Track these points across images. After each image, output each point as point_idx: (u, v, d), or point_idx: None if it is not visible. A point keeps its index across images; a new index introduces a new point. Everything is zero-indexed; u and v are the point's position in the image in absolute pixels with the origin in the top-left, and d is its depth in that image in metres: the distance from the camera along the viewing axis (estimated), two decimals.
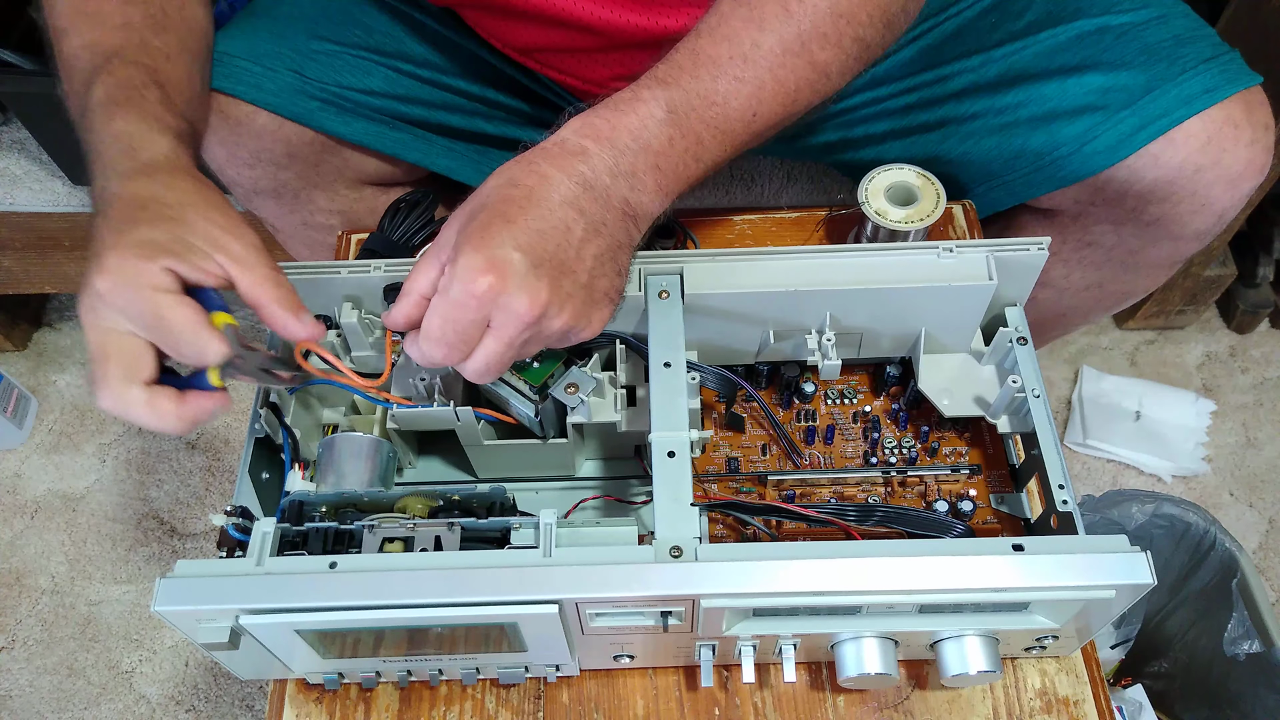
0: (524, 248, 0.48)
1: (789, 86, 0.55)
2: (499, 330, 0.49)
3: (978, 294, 0.60)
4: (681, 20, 0.68)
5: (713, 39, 0.54)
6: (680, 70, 0.54)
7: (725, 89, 0.53)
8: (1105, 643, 1.05)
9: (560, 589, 0.48)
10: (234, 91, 0.72)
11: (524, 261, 0.48)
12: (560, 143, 0.52)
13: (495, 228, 0.48)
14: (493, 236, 0.48)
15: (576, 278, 0.51)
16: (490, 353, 0.50)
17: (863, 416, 0.67)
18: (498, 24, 0.74)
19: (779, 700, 0.58)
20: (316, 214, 0.82)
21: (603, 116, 0.52)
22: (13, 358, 1.40)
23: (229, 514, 0.54)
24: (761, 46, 0.54)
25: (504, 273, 0.48)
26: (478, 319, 0.49)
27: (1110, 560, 0.48)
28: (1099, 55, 0.68)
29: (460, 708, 0.59)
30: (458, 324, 0.49)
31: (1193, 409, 1.29)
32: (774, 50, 0.54)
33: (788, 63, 0.54)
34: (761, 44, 0.54)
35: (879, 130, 0.78)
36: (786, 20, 0.54)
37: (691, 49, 0.54)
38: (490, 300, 0.48)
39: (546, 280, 0.49)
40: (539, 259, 0.49)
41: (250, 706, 1.13)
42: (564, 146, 0.52)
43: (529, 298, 0.48)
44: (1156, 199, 0.69)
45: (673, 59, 0.54)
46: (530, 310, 0.49)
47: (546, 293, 0.49)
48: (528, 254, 0.48)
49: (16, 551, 1.24)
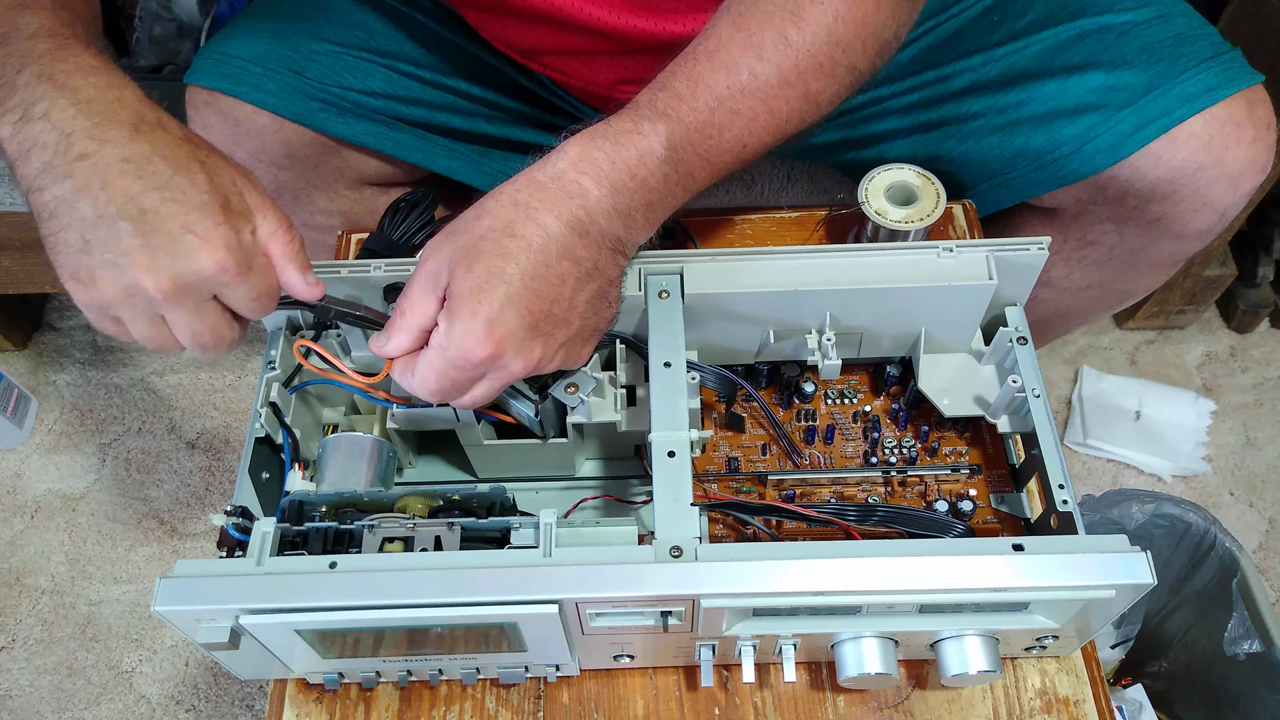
0: (520, 308, 0.49)
1: (780, 117, 0.55)
2: (492, 381, 0.53)
3: (978, 294, 0.60)
4: (687, 26, 0.68)
5: (711, 65, 0.53)
6: (679, 100, 0.53)
7: (721, 121, 0.53)
8: (1105, 643, 1.05)
9: (560, 589, 0.48)
10: (234, 92, 0.72)
11: (521, 324, 0.50)
12: (558, 177, 0.51)
13: (492, 286, 0.49)
14: (490, 297, 0.49)
15: (569, 327, 0.52)
16: (479, 396, 0.53)
17: (863, 416, 0.67)
18: (502, 25, 0.74)
19: (779, 700, 0.58)
20: (316, 214, 0.82)
21: (602, 150, 0.51)
22: (13, 358, 1.40)
23: (229, 514, 0.53)
24: (759, 77, 0.53)
25: (503, 341, 0.49)
26: (474, 375, 0.51)
27: (1110, 560, 0.48)
28: (1100, 54, 0.68)
29: (460, 708, 0.59)
30: (454, 380, 0.51)
31: (1193, 409, 1.29)
32: (770, 81, 0.53)
33: (783, 94, 0.54)
34: (759, 74, 0.53)
35: (880, 130, 0.78)
36: (785, 49, 0.53)
37: (690, 75, 0.53)
38: (488, 363, 0.50)
39: (541, 340, 0.51)
40: (535, 320, 0.50)
41: (250, 706, 1.13)
42: (561, 183, 0.50)
43: (524, 360, 0.51)
44: (1158, 198, 0.69)
45: (671, 86, 0.53)
46: (525, 368, 0.52)
47: (540, 350, 0.51)
48: (524, 315, 0.50)
49: (16, 551, 1.24)
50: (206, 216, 0.46)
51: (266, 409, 0.59)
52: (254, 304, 0.49)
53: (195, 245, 0.46)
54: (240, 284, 0.48)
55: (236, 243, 0.47)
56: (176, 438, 1.33)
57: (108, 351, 1.41)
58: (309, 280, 0.52)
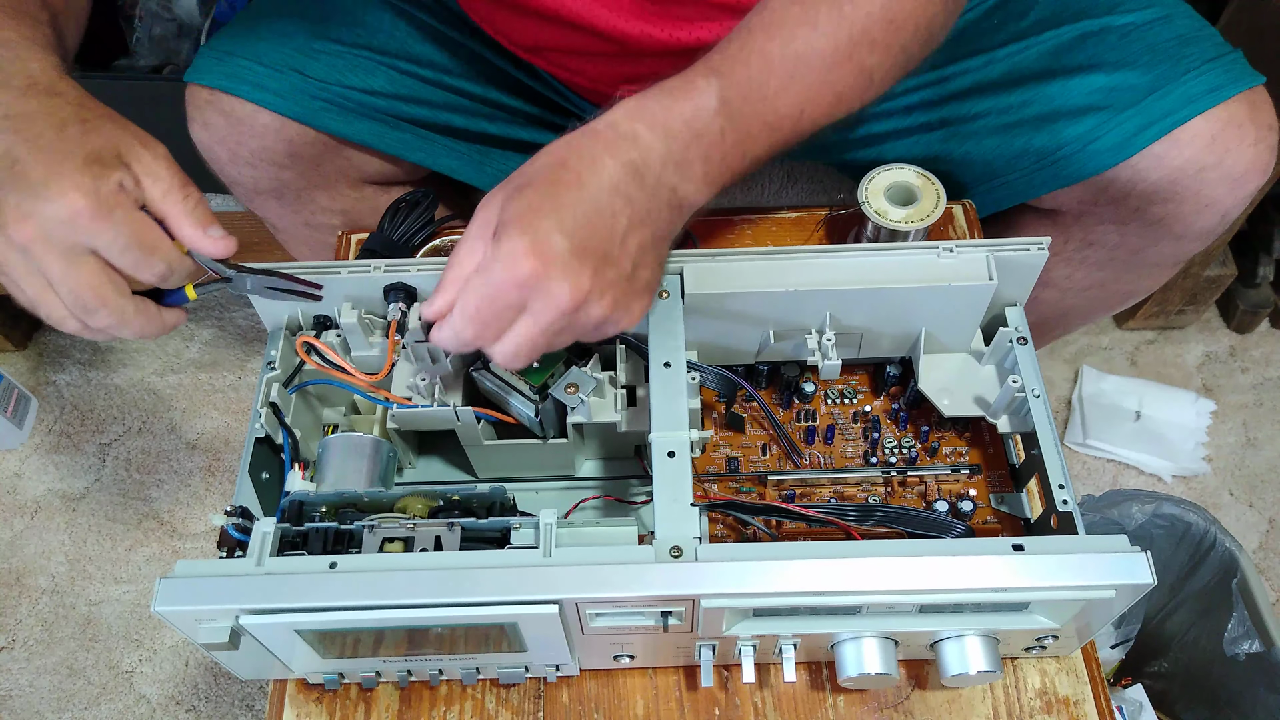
0: (569, 233, 0.47)
1: (836, 89, 0.55)
2: (536, 316, 0.49)
3: (978, 294, 0.60)
4: (696, 34, 0.69)
5: (766, 34, 0.54)
6: (734, 62, 0.53)
7: (776, 85, 0.53)
8: (1105, 643, 1.05)
9: (560, 589, 0.48)
10: (236, 91, 0.72)
11: (568, 248, 0.47)
12: (611, 125, 0.50)
13: (541, 210, 0.48)
14: (538, 219, 0.47)
15: (620, 268, 0.50)
16: (523, 337, 0.49)
17: (863, 416, 0.67)
18: (509, 20, 0.74)
19: (779, 700, 0.58)
20: (318, 214, 0.82)
21: (657, 100, 0.51)
22: (13, 358, 1.40)
23: (229, 514, 0.53)
24: (814, 46, 0.54)
25: (548, 258, 0.47)
26: (516, 302, 0.48)
27: (1110, 560, 0.48)
28: (1103, 55, 0.68)
29: (460, 708, 0.59)
30: (495, 304, 0.48)
31: (1193, 409, 1.29)
32: (825, 51, 0.54)
33: (837, 65, 0.54)
34: (814, 44, 0.54)
35: (881, 130, 0.78)
36: (840, 22, 0.54)
37: (744, 41, 0.54)
38: (531, 285, 0.48)
39: (590, 269, 0.48)
40: (583, 246, 0.48)
41: (250, 706, 1.13)
42: (616, 129, 0.50)
43: (571, 286, 0.48)
44: (1160, 198, 0.69)
45: (726, 50, 0.54)
46: (571, 298, 0.48)
47: (589, 281, 0.48)
48: (572, 240, 0.48)
49: (16, 551, 1.24)
50: (66, 163, 0.47)
51: (266, 409, 0.59)
52: (126, 256, 0.48)
53: (52, 190, 0.47)
54: (99, 230, 0.47)
55: (92, 188, 0.47)
56: (176, 438, 1.33)
57: (108, 351, 1.41)
58: (211, 234, 0.51)
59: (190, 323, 1.43)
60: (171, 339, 1.41)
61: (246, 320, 1.43)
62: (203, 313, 1.44)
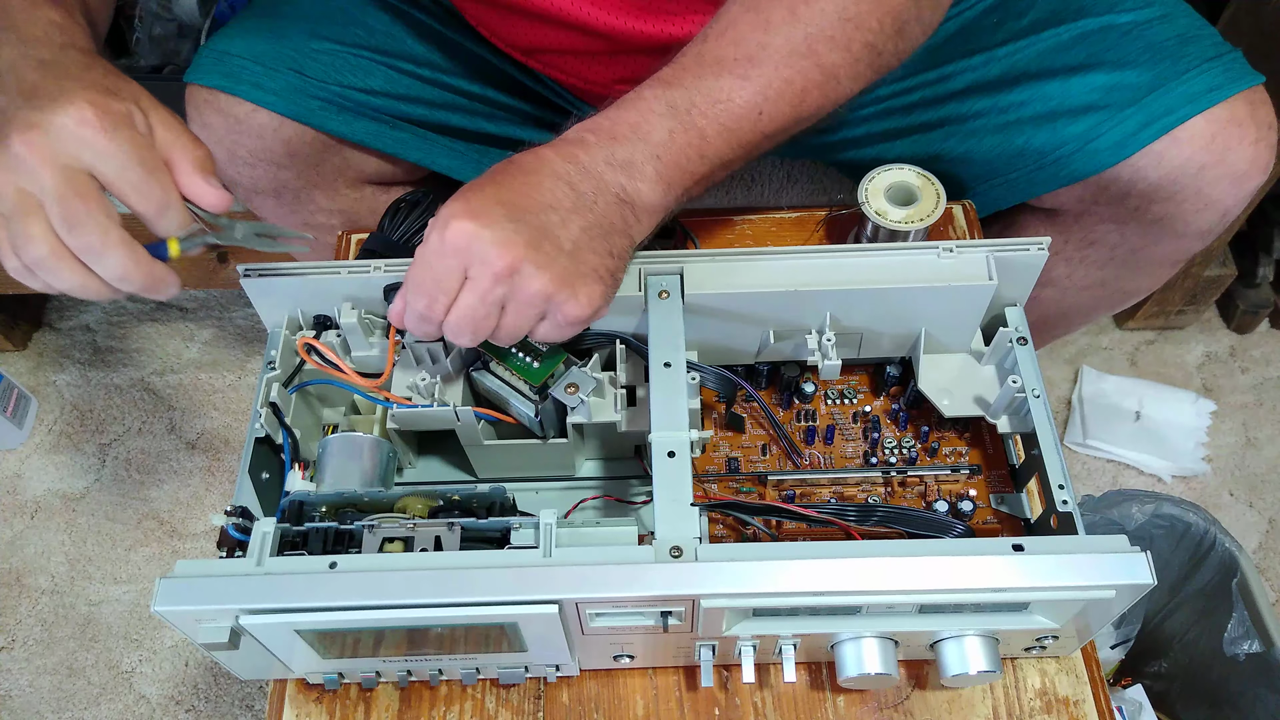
0: (504, 201, 0.50)
1: (796, 87, 0.55)
2: (475, 281, 0.50)
3: (978, 294, 0.60)
4: (686, 28, 0.69)
5: (719, 42, 0.55)
6: (684, 71, 0.54)
7: (729, 86, 0.54)
8: (1105, 643, 1.05)
9: (560, 589, 0.48)
10: (234, 90, 0.72)
11: (503, 213, 0.49)
12: (562, 137, 0.54)
13: (482, 186, 0.50)
14: (476, 191, 0.50)
15: (559, 244, 0.50)
16: (464, 305, 0.50)
17: (863, 416, 0.67)
18: (501, 22, 0.74)
19: (779, 700, 0.58)
20: (317, 213, 0.82)
21: (604, 114, 0.54)
22: (13, 358, 1.40)
23: (229, 514, 0.53)
24: (768, 47, 0.54)
25: (481, 220, 0.49)
26: (454, 265, 0.50)
27: (1110, 560, 0.48)
28: (1102, 54, 0.68)
29: (460, 708, 0.59)
30: (434, 270, 0.50)
31: (1193, 409, 1.29)
32: (780, 50, 0.54)
33: (794, 63, 0.54)
34: (768, 45, 0.54)
35: (880, 129, 0.78)
36: (793, 23, 0.54)
37: (697, 52, 0.55)
38: (466, 247, 0.49)
39: (525, 236, 0.49)
40: (519, 214, 0.50)
41: (250, 706, 1.13)
42: (565, 139, 0.53)
43: (502, 246, 0.49)
44: (1160, 197, 0.69)
45: (678, 62, 0.55)
46: (501, 258, 0.49)
47: (522, 246, 0.49)
48: (506, 206, 0.50)
49: (16, 551, 1.24)
50: (82, 85, 0.48)
51: (266, 409, 0.59)
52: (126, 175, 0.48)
53: (62, 101, 0.47)
54: (104, 143, 0.47)
55: (104, 104, 0.48)
56: (176, 438, 1.33)
57: (108, 351, 1.41)
58: (212, 183, 0.51)
59: (190, 323, 1.43)
60: (171, 339, 1.41)
61: (246, 320, 1.43)
62: (203, 313, 1.44)
